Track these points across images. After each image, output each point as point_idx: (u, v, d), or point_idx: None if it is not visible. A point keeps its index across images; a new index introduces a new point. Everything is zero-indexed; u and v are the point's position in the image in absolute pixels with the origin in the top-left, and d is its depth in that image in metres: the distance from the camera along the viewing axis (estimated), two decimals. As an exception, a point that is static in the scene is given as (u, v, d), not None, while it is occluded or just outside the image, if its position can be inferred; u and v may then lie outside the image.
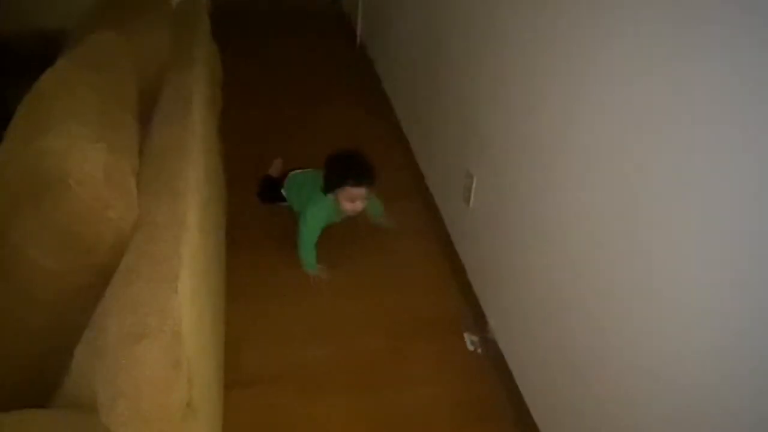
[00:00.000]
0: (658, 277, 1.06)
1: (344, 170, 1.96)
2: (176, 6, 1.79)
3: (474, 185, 1.86)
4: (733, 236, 0.89)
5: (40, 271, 0.98)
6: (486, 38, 1.73)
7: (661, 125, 1.01)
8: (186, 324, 0.97)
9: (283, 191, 2.22)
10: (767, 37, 0.80)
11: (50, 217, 0.94)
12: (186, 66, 1.54)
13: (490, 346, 1.80)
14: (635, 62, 1.07)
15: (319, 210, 2.00)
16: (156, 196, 1.07)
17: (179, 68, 1.51)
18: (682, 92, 0.97)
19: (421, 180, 2.40)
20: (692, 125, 0.95)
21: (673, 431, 1.05)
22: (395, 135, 2.69)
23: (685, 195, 0.97)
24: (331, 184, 1.97)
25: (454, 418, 1.66)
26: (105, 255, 0.97)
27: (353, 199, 1.96)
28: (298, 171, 2.24)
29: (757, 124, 0.83)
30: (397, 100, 2.78)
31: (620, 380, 1.19)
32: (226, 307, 1.84)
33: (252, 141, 2.64)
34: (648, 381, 1.10)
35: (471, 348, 1.84)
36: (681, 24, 0.95)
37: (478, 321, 1.87)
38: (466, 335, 1.87)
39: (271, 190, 2.29)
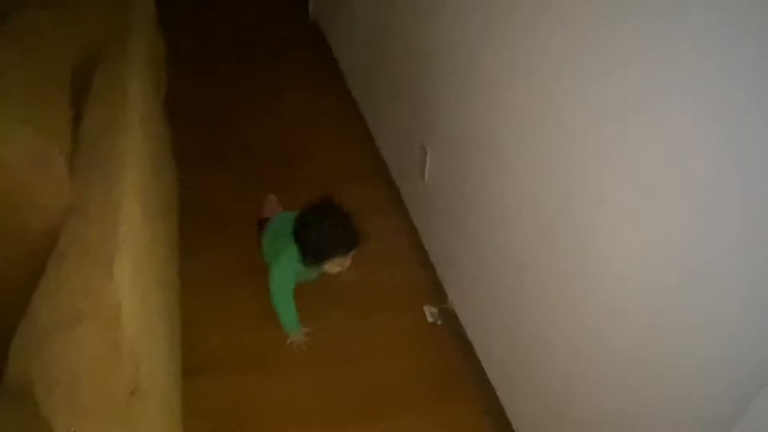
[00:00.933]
0: (601, 248, 1.07)
1: (331, 244, 1.65)
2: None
3: (428, 159, 1.85)
4: (670, 207, 0.91)
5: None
6: (439, 11, 1.71)
7: (612, 101, 1.01)
8: (127, 309, 0.94)
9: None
10: None
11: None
12: (123, 44, 1.48)
13: (449, 317, 1.81)
14: (590, 38, 1.06)
15: (288, 265, 1.70)
16: (89, 180, 1.03)
17: (115, 46, 1.45)
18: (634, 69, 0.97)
19: (378, 155, 2.39)
20: (638, 103, 0.95)
21: (624, 390, 1.08)
22: (350, 110, 2.66)
23: (629, 170, 0.98)
24: (314, 256, 1.67)
25: (417, 390, 1.67)
26: (35, 243, 0.93)
27: (341, 264, 1.72)
28: (286, 213, 1.88)
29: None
30: (351, 75, 2.74)
31: (570, 342, 1.21)
32: (181, 292, 1.81)
33: (202, 122, 2.58)
34: (595, 342, 1.13)
35: (431, 320, 1.85)
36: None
37: (438, 293, 1.88)
38: (425, 308, 1.88)
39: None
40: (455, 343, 1.78)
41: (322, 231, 1.63)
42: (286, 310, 1.72)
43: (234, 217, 2.17)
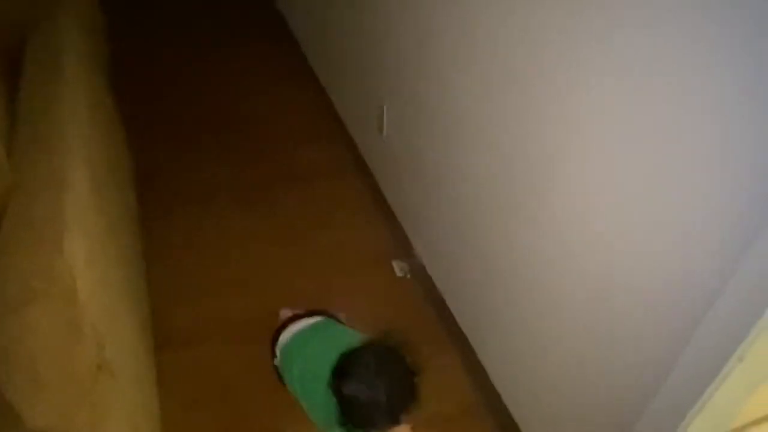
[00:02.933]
0: (558, 191, 1.08)
1: (381, 414, 1.17)
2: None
3: (386, 114, 1.83)
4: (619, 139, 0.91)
5: None
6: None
7: (564, 49, 1.00)
8: (84, 286, 0.93)
9: (276, 362, 1.41)
10: None
11: None
12: (55, 17, 1.41)
13: (418, 270, 1.83)
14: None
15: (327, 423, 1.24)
16: (30, 156, 0.99)
17: (46, 18, 1.38)
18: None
19: (334, 113, 2.36)
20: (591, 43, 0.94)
21: (588, 327, 1.10)
22: (302, 69, 2.61)
23: (584, 112, 0.98)
24: (356, 425, 1.19)
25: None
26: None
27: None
28: (305, 328, 1.40)
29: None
30: (304, 38, 2.68)
31: (537, 281, 1.24)
32: (148, 267, 1.79)
33: (151, 91, 2.50)
34: (560, 279, 1.15)
35: (400, 274, 1.86)
36: None
37: (405, 247, 1.89)
38: (394, 263, 1.89)
39: None
40: (426, 296, 1.80)
41: (370, 399, 1.13)
42: None
43: (195, 188, 2.13)
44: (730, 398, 0.83)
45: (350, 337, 1.32)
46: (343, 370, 1.17)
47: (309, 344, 1.34)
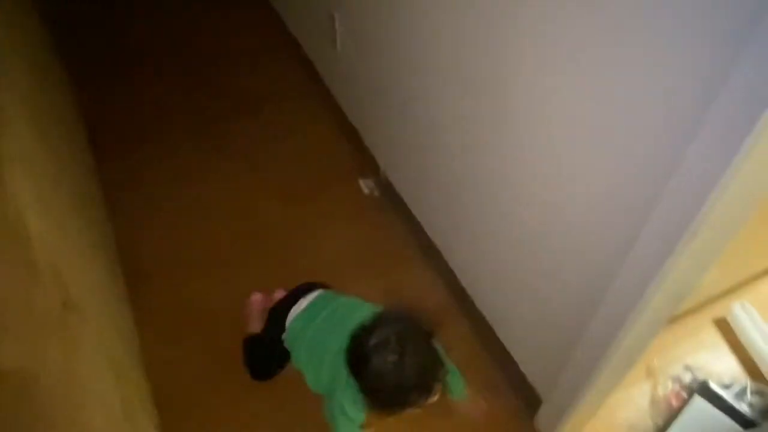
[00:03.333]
0: (513, 103, 1.06)
1: (405, 393, 1.05)
2: None
3: (337, 24, 1.76)
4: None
5: None
6: None
7: None
8: (38, 227, 0.90)
9: (286, 344, 1.31)
10: None
11: None
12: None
13: (384, 186, 1.82)
14: None
15: (351, 410, 1.14)
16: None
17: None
18: None
19: (287, 32, 2.26)
20: None
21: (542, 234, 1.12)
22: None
23: (540, 31, 0.94)
24: (381, 407, 1.09)
25: (365, 260, 1.71)
26: None
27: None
28: (306, 303, 1.31)
29: None
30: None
31: (494, 191, 1.24)
32: (111, 207, 1.75)
33: (98, 28, 2.36)
34: (517, 190, 1.15)
35: (367, 192, 1.86)
36: None
37: (370, 165, 1.87)
38: (360, 181, 1.88)
39: (263, 353, 1.41)
40: (395, 211, 1.80)
41: (399, 381, 1.03)
42: None
43: (150, 124, 2.06)
44: (687, 272, 0.86)
45: (356, 308, 1.24)
46: (362, 354, 1.04)
47: (315, 320, 1.25)
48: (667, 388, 1.44)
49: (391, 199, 1.81)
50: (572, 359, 1.16)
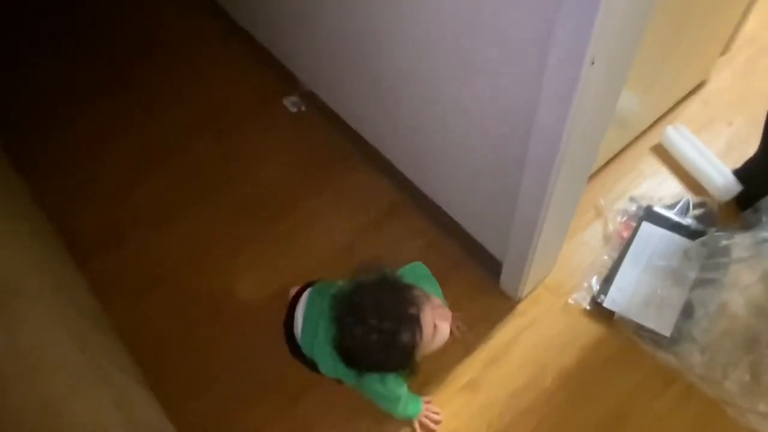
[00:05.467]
0: None
1: (386, 357, 1.00)
2: None
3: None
4: None
5: None
6: None
7: None
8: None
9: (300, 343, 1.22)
10: None
11: None
12: None
13: (310, 99, 1.78)
14: None
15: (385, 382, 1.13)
16: None
17: None
18: None
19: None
20: None
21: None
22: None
23: None
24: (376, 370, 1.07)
25: (307, 176, 1.70)
26: None
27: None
28: (301, 315, 1.21)
29: None
30: None
31: (413, 81, 1.21)
32: (38, 184, 1.69)
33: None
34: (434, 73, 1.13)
35: (294, 110, 1.81)
36: None
37: (290, 81, 1.82)
38: (284, 100, 1.83)
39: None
40: (325, 122, 1.77)
41: (387, 339, 0.97)
42: (405, 403, 1.21)
43: (53, 93, 1.95)
44: (599, 102, 0.87)
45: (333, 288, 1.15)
46: (340, 324, 1.00)
47: (317, 327, 1.15)
48: (616, 222, 1.50)
49: (319, 111, 1.78)
50: (516, 218, 1.19)
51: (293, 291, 1.32)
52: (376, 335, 0.95)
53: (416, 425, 1.29)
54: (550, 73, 0.83)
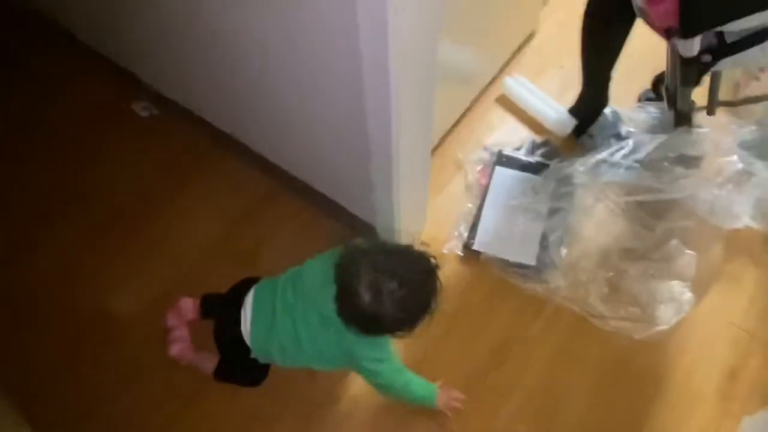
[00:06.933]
0: None
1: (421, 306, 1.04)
2: None
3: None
4: None
5: None
6: None
7: None
8: None
9: (262, 359, 1.21)
10: None
11: None
12: None
13: (160, 101, 1.73)
14: None
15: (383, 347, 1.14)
16: None
17: None
18: None
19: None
20: None
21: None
22: None
23: None
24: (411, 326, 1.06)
25: (173, 181, 1.66)
26: None
27: None
28: (250, 312, 1.17)
29: None
30: None
31: (247, 52, 1.22)
32: None
33: None
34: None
35: (146, 113, 1.76)
36: None
37: (136, 85, 1.75)
38: (134, 106, 1.76)
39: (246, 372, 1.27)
40: (180, 120, 1.72)
41: (402, 300, 0.99)
42: (415, 384, 1.19)
43: None
44: (411, 49, 0.92)
45: (301, 275, 1.15)
46: (346, 293, 0.99)
47: (275, 316, 1.13)
48: (474, 172, 1.60)
49: (171, 111, 1.73)
50: (374, 178, 1.23)
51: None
52: (407, 287, 0.98)
53: (446, 411, 1.26)
54: (363, 26, 0.87)
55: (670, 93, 1.36)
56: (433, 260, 1.05)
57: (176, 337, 1.32)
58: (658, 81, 1.60)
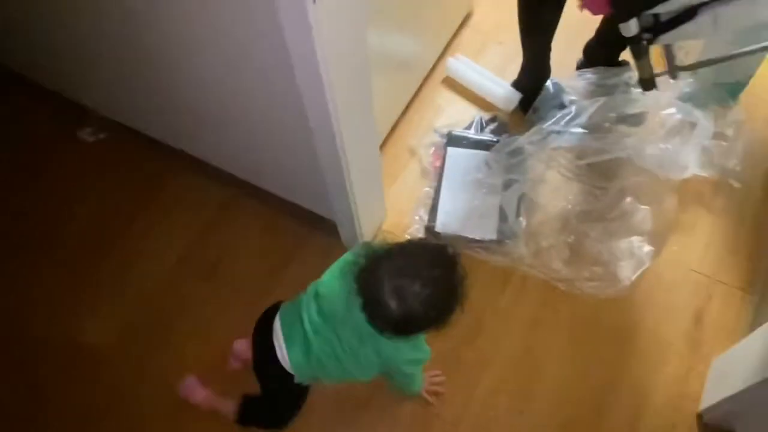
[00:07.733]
0: None
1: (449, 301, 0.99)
2: None
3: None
4: None
5: None
6: None
7: None
8: None
9: (305, 382, 1.16)
10: None
11: None
12: None
13: (103, 124, 1.71)
14: None
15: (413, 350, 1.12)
16: None
17: None
18: None
19: None
20: None
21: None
22: None
23: None
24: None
25: (130, 204, 1.64)
26: None
27: None
28: (282, 337, 1.10)
29: None
30: None
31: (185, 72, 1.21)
32: None
33: None
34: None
35: (92, 139, 1.73)
36: None
37: (77, 111, 1.72)
38: (79, 134, 1.73)
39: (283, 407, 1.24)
40: (129, 140, 1.69)
41: (429, 298, 0.95)
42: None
43: None
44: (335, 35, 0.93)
45: (323, 287, 1.11)
46: (373, 305, 0.95)
47: (308, 336, 1.08)
48: (428, 155, 1.62)
49: (117, 133, 1.71)
50: (327, 182, 1.24)
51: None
52: (431, 285, 0.94)
53: (426, 396, 1.30)
54: (285, 20, 0.87)
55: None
56: (450, 250, 1.02)
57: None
58: (587, 47, 1.64)
